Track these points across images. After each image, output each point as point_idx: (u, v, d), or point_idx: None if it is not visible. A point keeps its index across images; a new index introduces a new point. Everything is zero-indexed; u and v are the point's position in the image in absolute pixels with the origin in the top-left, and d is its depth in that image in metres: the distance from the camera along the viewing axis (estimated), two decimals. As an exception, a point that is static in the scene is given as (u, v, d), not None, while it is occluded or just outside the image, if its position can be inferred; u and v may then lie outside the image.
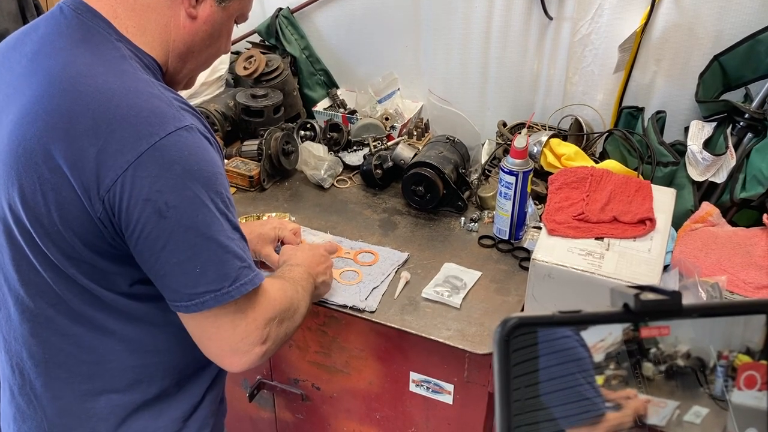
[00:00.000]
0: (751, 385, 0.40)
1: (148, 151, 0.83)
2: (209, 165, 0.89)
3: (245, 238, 0.95)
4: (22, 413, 1.03)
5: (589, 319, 0.38)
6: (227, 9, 0.99)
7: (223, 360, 0.97)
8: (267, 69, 1.94)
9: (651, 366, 0.40)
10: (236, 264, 0.91)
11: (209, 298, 0.89)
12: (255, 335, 0.95)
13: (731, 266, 1.35)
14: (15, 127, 0.88)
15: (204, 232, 0.88)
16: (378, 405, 1.52)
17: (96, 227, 0.87)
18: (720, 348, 0.41)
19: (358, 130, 1.89)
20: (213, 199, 0.89)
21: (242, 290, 0.91)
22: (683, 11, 1.59)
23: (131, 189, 0.84)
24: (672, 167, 1.57)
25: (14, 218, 0.90)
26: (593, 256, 1.27)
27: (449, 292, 1.38)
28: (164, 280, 0.90)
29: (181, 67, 1.00)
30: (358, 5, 1.97)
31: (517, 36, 1.79)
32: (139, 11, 0.92)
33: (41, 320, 0.96)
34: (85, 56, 0.88)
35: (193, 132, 0.88)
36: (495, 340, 0.38)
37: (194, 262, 0.88)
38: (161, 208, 0.85)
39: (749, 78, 1.57)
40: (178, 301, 0.90)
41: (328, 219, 1.65)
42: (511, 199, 1.49)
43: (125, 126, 0.84)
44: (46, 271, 0.92)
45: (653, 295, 0.39)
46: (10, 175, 0.88)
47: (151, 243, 0.87)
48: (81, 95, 0.85)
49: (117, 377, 1.00)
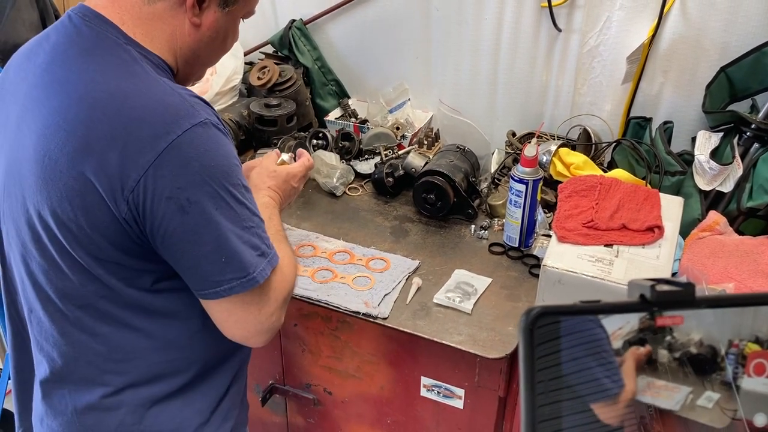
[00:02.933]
0: (760, 372, 0.43)
1: (166, 149, 0.86)
2: (225, 158, 0.92)
3: (262, 219, 1.00)
4: (53, 410, 1.06)
5: (608, 309, 0.41)
6: (231, 13, 1.01)
7: (249, 340, 1.02)
8: (280, 79, 1.97)
9: (666, 353, 0.43)
10: (255, 252, 0.95)
11: (236, 284, 0.93)
12: (276, 315, 1.01)
13: (738, 274, 1.37)
14: (39, 139, 0.91)
15: (225, 224, 0.91)
16: (389, 410, 1.54)
17: (122, 227, 0.90)
18: (730, 337, 0.43)
19: (370, 139, 1.92)
20: (230, 191, 0.92)
21: (264, 275, 0.96)
22: (690, 24, 1.62)
23: (154, 188, 0.87)
24: (679, 176, 1.59)
25: (43, 225, 0.93)
26: (602, 263, 1.29)
27: (460, 298, 1.41)
28: (191, 271, 0.94)
29: (190, 71, 1.04)
30: (369, 17, 2.01)
31: (527, 47, 1.82)
32: (145, 20, 0.95)
33: (70, 320, 0.99)
34: (96, 62, 0.91)
35: (208, 127, 0.91)
36: (520, 327, 0.40)
37: (219, 253, 0.92)
38: (183, 204, 0.88)
39: (755, 89, 1.60)
40: (206, 288, 0.94)
41: (340, 226, 1.68)
42: (521, 207, 1.52)
43: (142, 127, 0.87)
44: (74, 274, 0.95)
45: (668, 286, 0.42)
46: (38, 185, 0.91)
47: (176, 239, 0.90)
48: (96, 102, 0.88)
49: (144, 371, 1.03)
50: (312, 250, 1.58)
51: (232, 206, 0.92)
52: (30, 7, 1.75)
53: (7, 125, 0.99)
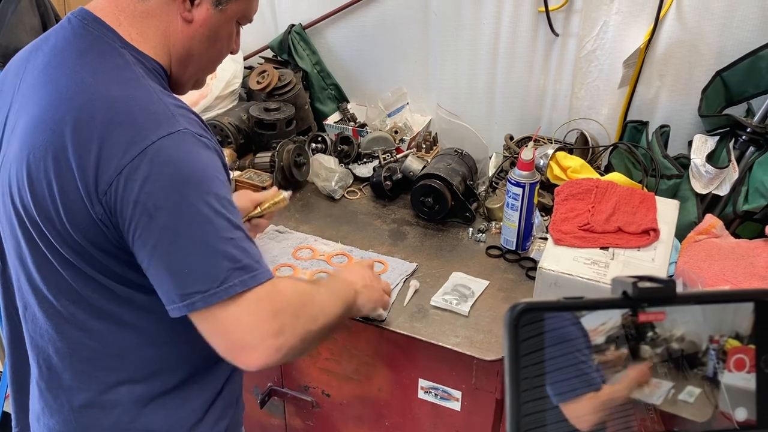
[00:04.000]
0: (741, 367, 0.44)
1: (139, 155, 0.87)
2: (200, 168, 0.90)
3: (249, 237, 0.94)
4: (50, 408, 1.07)
5: (591, 305, 0.42)
6: (225, 12, 1.01)
7: (236, 357, 0.92)
8: (279, 83, 1.99)
9: (648, 348, 0.44)
10: (226, 265, 0.89)
11: (198, 299, 0.88)
12: (263, 327, 0.91)
13: (734, 277, 1.37)
14: (25, 136, 0.93)
15: (193, 234, 0.89)
16: (387, 412, 1.55)
17: (99, 228, 0.91)
18: (711, 333, 0.44)
19: (368, 143, 1.93)
20: (206, 201, 0.89)
21: (230, 291, 0.89)
22: (686, 28, 1.63)
23: (124, 191, 0.87)
24: (676, 180, 1.60)
25: (31, 221, 0.94)
26: (598, 265, 1.30)
27: (457, 300, 1.41)
28: (157, 280, 0.92)
29: (183, 71, 1.04)
30: (368, 22, 2.02)
31: (524, 52, 1.83)
32: (139, 18, 0.97)
33: (64, 316, 1.00)
34: (90, 65, 0.93)
35: (186, 135, 0.91)
36: (505, 323, 0.41)
37: (183, 264, 0.89)
38: (150, 209, 0.87)
39: (751, 93, 1.61)
40: (170, 303, 0.91)
41: (338, 229, 1.69)
42: (518, 210, 1.52)
43: (121, 131, 0.88)
44: (65, 270, 0.96)
45: (650, 283, 0.43)
46: (23, 180, 0.93)
47: (142, 243, 0.90)
48: (85, 104, 0.90)
49: (138, 368, 1.04)
50: (310, 252, 1.59)
51: (206, 216, 0.89)
52: (31, 12, 1.76)
53: (3, 126, 1.01)
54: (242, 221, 0.96)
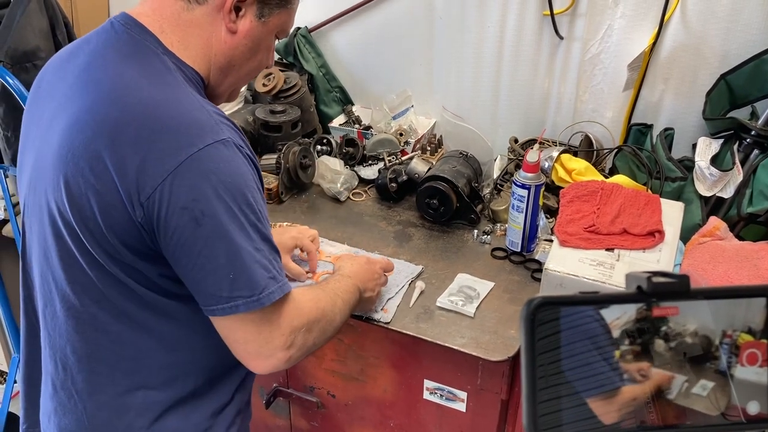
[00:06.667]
0: (753, 361, 0.45)
1: (186, 161, 0.88)
2: (242, 178, 0.93)
3: (276, 249, 0.99)
4: (63, 407, 1.07)
5: (606, 299, 0.43)
6: (267, 24, 1.03)
7: (249, 362, 1.01)
8: (285, 86, 2.00)
9: (662, 343, 0.44)
10: (263, 274, 0.95)
11: (241, 303, 0.93)
12: (278, 341, 0.99)
13: (739, 279, 1.38)
14: (65, 135, 0.93)
15: (237, 241, 0.92)
16: (392, 413, 1.55)
17: (137, 231, 0.92)
18: (724, 328, 0.45)
19: (373, 145, 1.94)
20: (244, 211, 0.92)
21: (271, 298, 0.95)
22: (691, 32, 1.64)
23: (170, 197, 0.88)
24: (680, 182, 1.61)
25: (62, 219, 0.95)
26: (604, 267, 1.31)
27: (463, 302, 1.42)
28: (199, 284, 0.94)
29: (222, 80, 1.05)
30: (373, 25, 2.03)
31: (529, 55, 1.84)
32: (182, 27, 0.98)
33: (85, 317, 1.01)
34: (132, 69, 0.94)
35: (230, 146, 0.92)
36: (522, 317, 0.42)
37: (228, 269, 0.92)
38: (197, 216, 0.89)
39: (755, 96, 1.61)
40: (212, 304, 0.94)
41: (344, 231, 1.70)
42: (523, 212, 1.53)
43: (166, 136, 0.89)
44: (92, 270, 0.97)
45: (664, 278, 0.43)
46: (59, 179, 0.93)
47: (187, 249, 0.91)
48: (127, 106, 0.91)
49: (154, 374, 1.04)
50: (316, 254, 1.59)
51: (245, 225, 0.93)
52: (40, 14, 1.77)
53: (40, 123, 1.01)
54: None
